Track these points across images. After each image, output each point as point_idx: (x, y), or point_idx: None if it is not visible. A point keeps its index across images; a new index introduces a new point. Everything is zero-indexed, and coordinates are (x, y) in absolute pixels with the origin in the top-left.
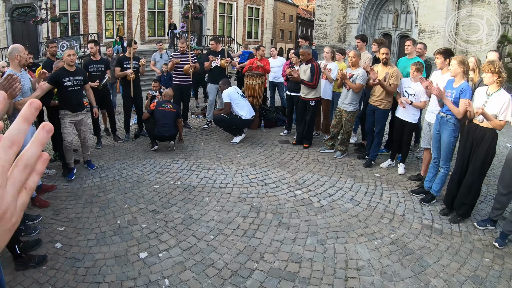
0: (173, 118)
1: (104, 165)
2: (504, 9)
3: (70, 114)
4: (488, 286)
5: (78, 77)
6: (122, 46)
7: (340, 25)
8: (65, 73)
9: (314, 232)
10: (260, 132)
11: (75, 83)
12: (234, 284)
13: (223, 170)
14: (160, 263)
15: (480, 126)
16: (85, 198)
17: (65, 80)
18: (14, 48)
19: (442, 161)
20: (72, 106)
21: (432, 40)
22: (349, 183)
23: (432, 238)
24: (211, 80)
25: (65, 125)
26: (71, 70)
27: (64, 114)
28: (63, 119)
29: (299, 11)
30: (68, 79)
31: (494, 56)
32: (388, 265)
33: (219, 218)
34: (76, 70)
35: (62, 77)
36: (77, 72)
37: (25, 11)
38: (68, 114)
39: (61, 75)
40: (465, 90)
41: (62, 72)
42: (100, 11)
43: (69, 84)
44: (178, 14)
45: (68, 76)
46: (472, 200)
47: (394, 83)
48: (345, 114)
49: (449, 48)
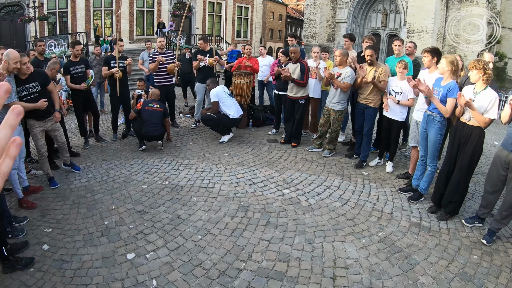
0: (160, 117)
1: (92, 165)
2: (493, 9)
3: (37, 123)
4: (476, 283)
5: (32, 84)
6: (110, 45)
7: (329, 24)
8: (17, 82)
9: (302, 231)
10: (249, 131)
11: (30, 91)
12: (222, 284)
13: (211, 169)
14: (148, 264)
15: (467, 124)
16: (72, 199)
17: (19, 90)
18: (7, 53)
19: (429, 159)
20: (36, 114)
21: (421, 39)
22: (337, 181)
23: (420, 235)
24: (199, 80)
25: (36, 136)
26: (23, 78)
27: (31, 124)
28: (32, 130)
29: (288, 10)
30: (21, 88)
31: (488, 57)
32: (376, 263)
33: (206, 218)
34: (29, 77)
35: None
36: (31, 78)
37: (13, 9)
38: (35, 124)
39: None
40: (452, 88)
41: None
42: (88, 9)
43: (23, 94)
44: (167, 13)
45: (20, 85)
46: (459, 198)
47: (384, 80)
48: (333, 113)
49: (437, 47)
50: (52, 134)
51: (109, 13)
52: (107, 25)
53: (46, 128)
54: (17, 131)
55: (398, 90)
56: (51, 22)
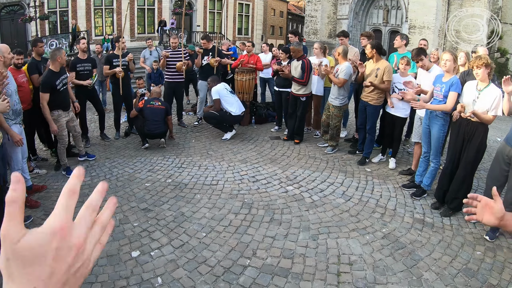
0: (163, 115)
1: (95, 163)
2: (494, 5)
3: (63, 114)
4: (480, 278)
5: (66, 75)
6: (112, 44)
7: (331, 20)
8: (55, 75)
9: (306, 228)
10: (251, 128)
11: (64, 82)
12: (227, 281)
13: (214, 167)
14: (153, 262)
15: (471, 121)
16: None
17: (57, 82)
18: None
19: (432, 155)
20: (65, 105)
21: (422, 35)
22: (340, 178)
23: (424, 232)
24: (202, 77)
25: (62, 126)
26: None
27: (58, 115)
28: (59, 120)
29: (289, 7)
30: (61, 78)
31: (482, 51)
32: (380, 259)
33: (210, 215)
34: (62, 69)
35: (54, 80)
36: (63, 70)
37: (14, 9)
38: (61, 114)
39: (52, 79)
40: (455, 83)
41: (52, 75)
42: (89, 8)
43: (62, 84)
44: (168, 11)
45: (60, 76)
46: (464, 194)
47: (388, 79)
48: (332, 108)
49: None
50: (71, 124)
51: (110, 12)
52: (108, 24)
53: (68, 118)
54: (18, 132)
55: (401, 87)
56: (52, 22)
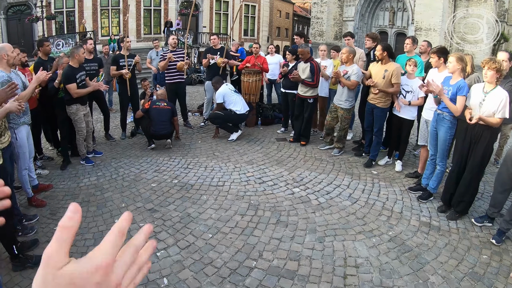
0: (169, 115)
1: (101, 163)
2: (501, 7)
3: (81, 108)
4: (486, 282)
5: (83, 72)
6: (118, 44)
7: (337, 22)
8: (75, 70)
9: (312, 230)
10: (257, 129)
11: (82, 78)
12: (233, 282)
13: (220, 168)
14: (159, 262)
15: (478, 124)
16: (82, 197)
17: (78, 76)
18: (1, 47)
19: (438, 158)
20: (82, 100)
21: (429, 37)
22: (346, 180)
23: (430, 235)
24: (209, 77)
25: (81, 119)
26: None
27: (76, 109)
28: (77, 114)
29: (295, 8)
30: (80, 74)
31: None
32: (387, 262)
33: (217, 216)
34: (81, 66)
35: (75, 73)
36: (82, 67)
37: (20, 9)
38: (80, 108)
39: (74, 72)
40: (462, 87)
41: (72, 70)
42: (95, 8)
43: (80, 79)
44: (174, 12)
45: (79, 71)
46: (470, 197)
47: (396, 82)
48: (341, 111)
49: (444, 47)
50: (86, 119)
51: (116, 12)
52: (114, 24)
53: (86, 112)
54: (25, 132)
55: (409, 89)
56: (59, 22)
